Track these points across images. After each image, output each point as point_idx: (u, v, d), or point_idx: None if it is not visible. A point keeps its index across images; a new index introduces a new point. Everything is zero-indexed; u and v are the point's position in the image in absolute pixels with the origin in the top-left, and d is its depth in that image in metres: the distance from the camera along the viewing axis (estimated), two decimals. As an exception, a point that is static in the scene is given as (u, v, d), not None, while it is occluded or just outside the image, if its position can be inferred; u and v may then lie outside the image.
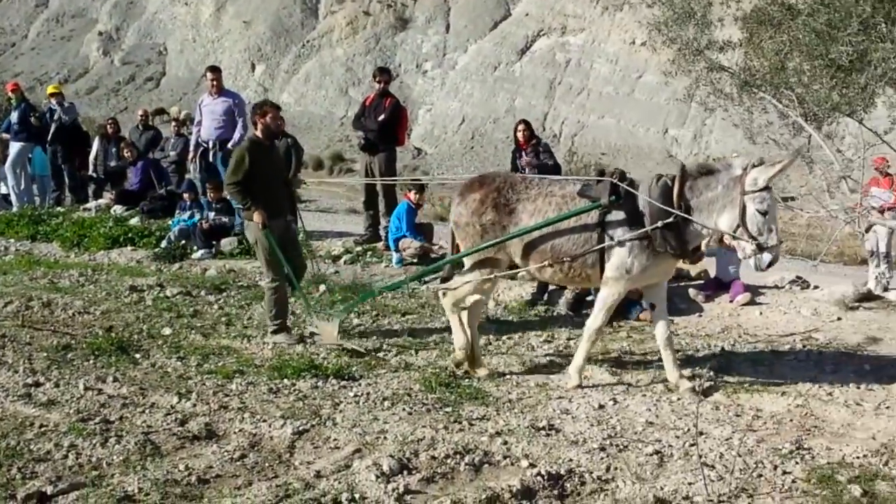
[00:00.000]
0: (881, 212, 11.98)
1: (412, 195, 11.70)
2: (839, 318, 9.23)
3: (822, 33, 7.76)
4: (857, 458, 5.60)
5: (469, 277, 7.42)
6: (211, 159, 12.73)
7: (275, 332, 8.25)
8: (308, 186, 32.72)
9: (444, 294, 7.66)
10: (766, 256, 6.55)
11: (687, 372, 7.45)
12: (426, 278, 9.53)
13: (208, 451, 5.46)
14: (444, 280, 7.90)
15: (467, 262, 7.54)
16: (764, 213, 6.46)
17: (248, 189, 8.06)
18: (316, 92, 51.55)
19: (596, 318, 7.13)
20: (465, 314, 7.49)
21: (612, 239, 6.85)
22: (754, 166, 6.52)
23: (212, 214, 12.79)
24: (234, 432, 5.80)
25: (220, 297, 10.09)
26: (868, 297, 9.68)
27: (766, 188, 6.45)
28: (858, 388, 7.16)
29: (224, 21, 56.30)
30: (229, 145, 12.37)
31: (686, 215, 6.67)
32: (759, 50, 8.63)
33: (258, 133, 8.31)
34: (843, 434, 6.12)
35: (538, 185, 7.32)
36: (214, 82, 12.69)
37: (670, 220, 6.65)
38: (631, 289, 7.39)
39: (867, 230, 13.76)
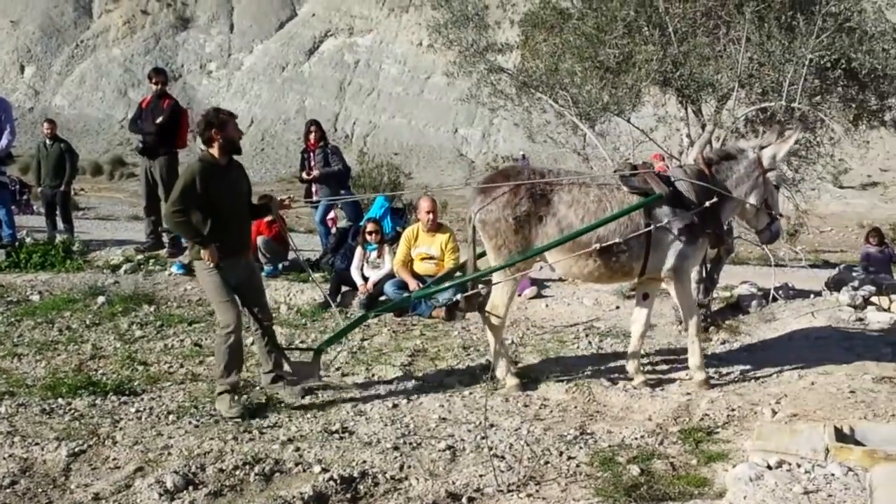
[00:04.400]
0: None
1: None
2: (618, 307, 9.74)
3: (592, 36, 8.14)
4: (636, 439, 5.91)
5: (503, 285, 7.01)
6: (-24, 167, 11.87)
7: (221, 394, 6.45)
8: (87, 193, 31.22)
9: (488, 316, 7.07)
10: (777, 226, 7.13)
11: (477, 364, 7.64)
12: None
13: (-25, 480, 5.07)
14: (468, 301, 7.23)
15: (496, 264, 6.99)
16: (778, 188, 6.99)
17: (191, 220, 6.36)
18: (92, 94, 49.10)
19: (690, 314, 7.16)
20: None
21: (658, 229, 6.78)
22: (761, 147, 6.99)
23: (-25, 227, 11.92)
24: (3, 458, 5.39)
25: (-12, 314, 9.38)
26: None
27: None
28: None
29: (-11, 20, 52.60)
30: (-6, 151, 11.63)
31: (728, 194, 6.90)
32: (535, 52, 8.95)
33: (213, 152, 6.49)
34: (623, 417, 6.45)
35: (563, 175, 7.03)
36: (-22, 85, 11.84)
37: (715, 201, 6.79)
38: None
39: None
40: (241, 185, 6.69)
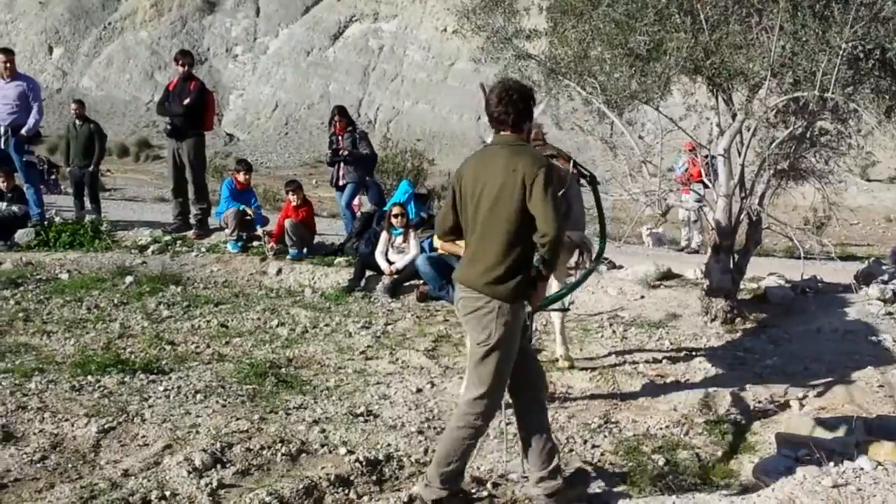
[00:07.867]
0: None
1: (240, 176, 11.89)
2: (642, 297, 9.69)
3: (622, 23, 8.05)
4: (661, 429, 5.89)
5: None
6: (2, 146, 11.91)
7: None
8: (114, 174, 31.40)
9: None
10: None
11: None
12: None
13: (6, 454, 5.10)
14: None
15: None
16: None
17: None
18: (119, 76, 49.30)
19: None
20: None
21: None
22: None
23: (3, 205, 11.98)
24: (34, 433, 5.44)
25: (17, 291, 9.48)
26: (668, 275, 10.20)
27: None
28: (660, 362, 7.53)
29: (18, 1, 52.88)
30: (23, 131, 11.64)
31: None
32: (564, 39, 8.85)
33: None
34: (648, 407, 6.42)
35: None
36: (7, 65, 11.87)
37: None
38: None
39: (664, 213, 14.84)
40: None
